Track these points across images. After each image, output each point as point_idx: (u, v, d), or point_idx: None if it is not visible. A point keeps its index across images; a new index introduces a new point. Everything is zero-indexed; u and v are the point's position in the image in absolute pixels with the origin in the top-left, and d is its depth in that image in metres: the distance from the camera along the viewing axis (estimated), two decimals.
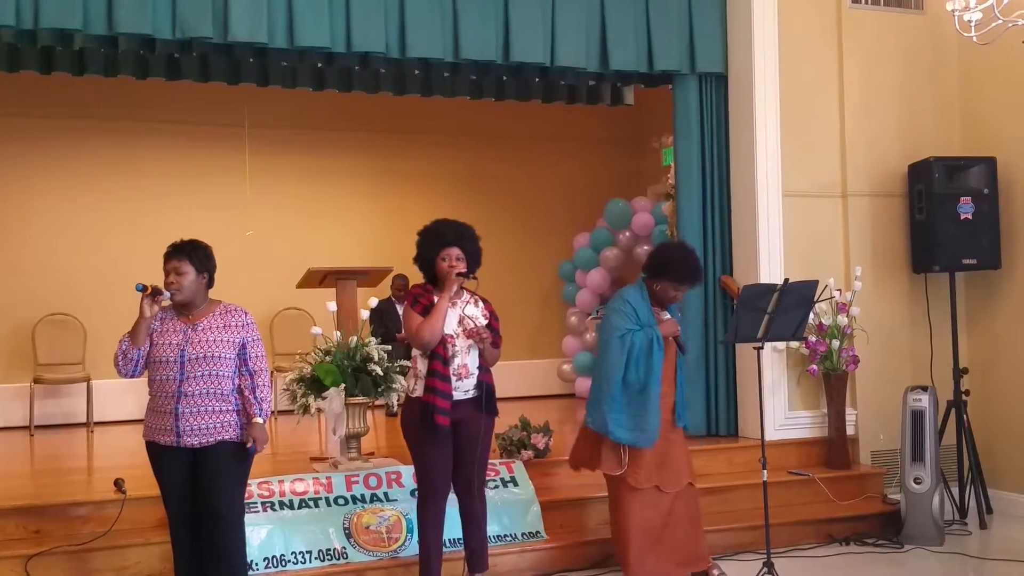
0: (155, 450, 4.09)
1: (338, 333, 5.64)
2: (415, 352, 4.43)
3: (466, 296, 4.49)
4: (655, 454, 4.70)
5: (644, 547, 4.72)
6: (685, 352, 4.79)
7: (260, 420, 4.07)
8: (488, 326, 4.45)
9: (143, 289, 3.98)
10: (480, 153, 9.87)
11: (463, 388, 4.37)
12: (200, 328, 4.04)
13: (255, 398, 4.08)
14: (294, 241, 9.06)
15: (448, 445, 4.37)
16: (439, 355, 4.30)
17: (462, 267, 4.37)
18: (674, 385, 4.73)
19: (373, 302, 5.81)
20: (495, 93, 7.83)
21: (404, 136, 9.61)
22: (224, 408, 4.03)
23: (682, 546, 4.79)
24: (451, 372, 4.32)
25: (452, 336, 4.35)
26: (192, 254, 4.04)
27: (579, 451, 4.93)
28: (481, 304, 4.54)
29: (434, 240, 4.41)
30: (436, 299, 4.35)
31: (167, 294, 4.00)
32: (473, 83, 7.74)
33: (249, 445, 4.06)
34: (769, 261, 6.35)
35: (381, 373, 5.44)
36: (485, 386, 4.42)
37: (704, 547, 4.89)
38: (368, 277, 6.68)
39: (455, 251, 4.38)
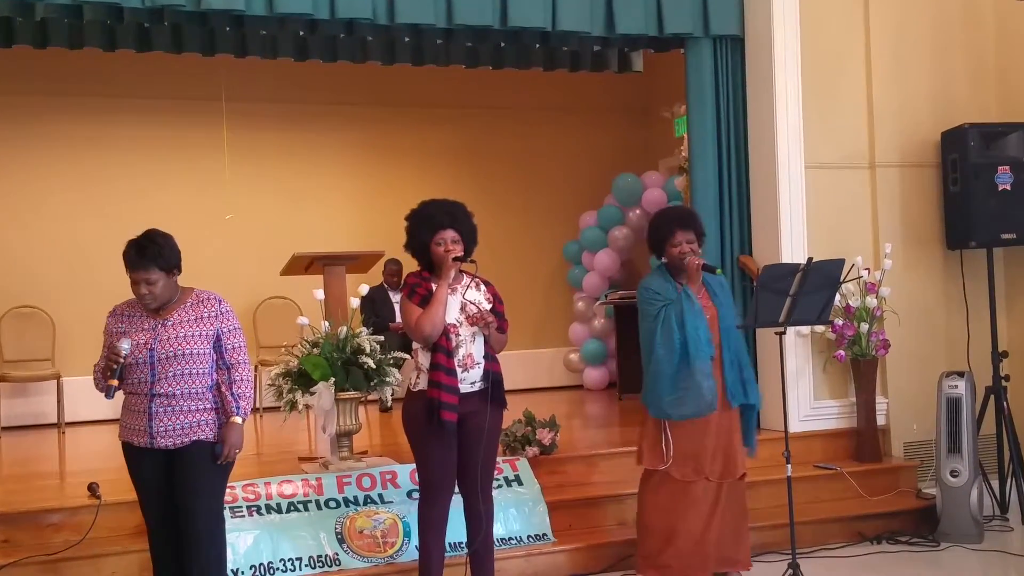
0: (130, 451, 4.08)
1: (326, 323, 5.64)
2: (416, 344, 4.44)
3: (466, 280, 4.49)
4: (701, 442, 4.72)
5: (672, 547, 4.74)
6: (715, 270, 4.77)
7: (238, 419, 4.05)
8: (492, 310, 4.45)
9: (117, 388, 3.95)
10: (477, 126, 9.84)
11: (469, 380, 4.37)
12: (170, 323, 4.01)
13: (233, 394, 4.06)
14: (277, 224, 9.05)
15: (453, 442, 4.38)
16: (442, 347, 4.30)
17: (459, 250, 4.37)
18: (721, 367, 4.73)
19: (364, 289, 5.81)
20: (492, 61, 7.82)
21: (395, 109, 9.59)
22: (200, 407, 4.02)
23: (726, 544, 4.80)
24: (456, 364, 4.32)
25: (455, 325, 4.35)
26: (158, 257, 3.96)
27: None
28: (483, 287, 4.53)
29: (426, 224, 4.40)
30: (434, 287, 4.35)
31: (125, 349, 3.92)
32: (468, 51, 7.73)
33: (216, 447, 4.03)
34: (791, 239, 6.36)
35: (373, 366, 5.44)
36: (492, 375, 4.41)
37: (747, 548, 4.90)
38: (358, 262, 6.68)
39: (450, 233, 4.37)
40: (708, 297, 4.78)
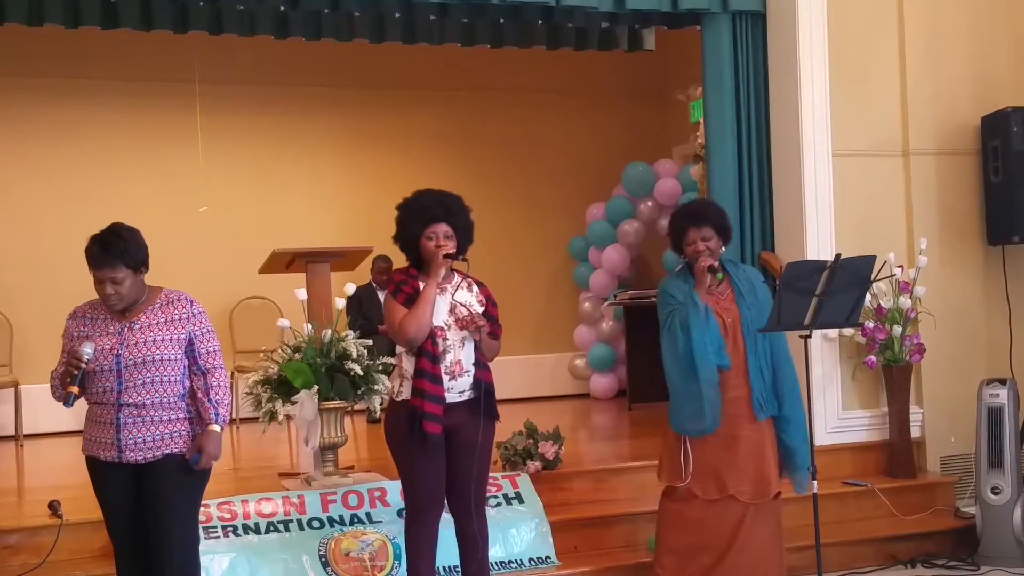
0: (96, 466, 4.08)
1: (309, 326, 5.64)
2: (400, 349, 4.44)
3: (457, 279, 4.49)
4: (725, 458, 4.69)
5: (691, 568, 4.73)
6: (717, 273, 4.76)
7: (217, 428, 4.05)
8: (485, 313, 4.45)
9: (76, 396, 3.94)
10: (474, 110, 9.84)
11: (457, 389, 4.37)
12: (138, 327, 4.01)
13: (210, 401, 4.06)
14: (256, 217, 9.04)
15: (440, 456, 4.37)
16: (428, 352, 4.30)
17: (451, 246, 4.37)
18: (747, 376, 4.72)
19: (350, 289, 5.81)
20: (491, 39, 7.81)
21: (384, 91, 9.58)
22: (172, 417, 4.02)
23: (758, 571, 4.78)
24: (442, 371, 4.32)
25: (442, 328, 4.35)
26: (125, 254, 3.96)
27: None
28: (476, 288, 4.53)
29: (418, 216, 4.40)
30: (422, 286, 4.35)
31: (88, 353, 3.93)
32: (464, 27, 7.72)
33: (192, 456, 4.01)
34: (817, 233, 6.36)
35: (361, 373, 5.45)
36: (483, 385, 4.41)
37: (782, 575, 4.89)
38: (344, 259, 6.68)
39: (443, 228, 4.38)
40: (732, 299, 4.77)
